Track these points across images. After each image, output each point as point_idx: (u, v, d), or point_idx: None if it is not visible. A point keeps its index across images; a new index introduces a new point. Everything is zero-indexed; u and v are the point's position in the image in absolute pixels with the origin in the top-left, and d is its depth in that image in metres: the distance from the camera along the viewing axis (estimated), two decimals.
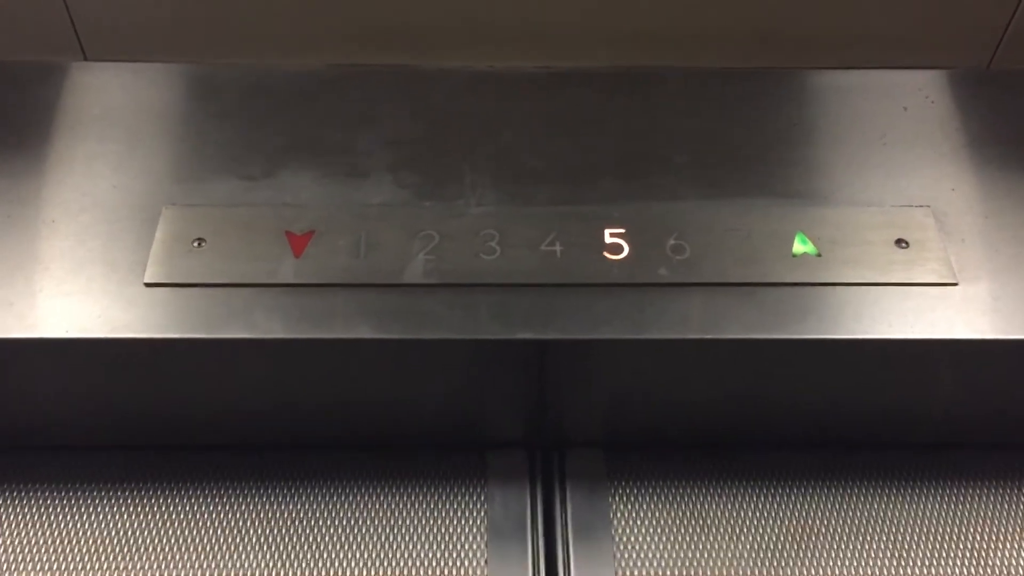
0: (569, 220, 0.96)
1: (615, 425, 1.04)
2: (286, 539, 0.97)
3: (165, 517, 0.98)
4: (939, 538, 0.99)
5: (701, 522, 0.99)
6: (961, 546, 0.98)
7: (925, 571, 0.97)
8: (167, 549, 0.96)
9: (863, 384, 0.97)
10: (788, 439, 1.04)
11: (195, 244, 0.93)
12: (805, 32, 1.09)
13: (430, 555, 0.96)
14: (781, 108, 1.07)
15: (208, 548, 0.96)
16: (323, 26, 1.07)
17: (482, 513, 0.99)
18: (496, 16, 1.07)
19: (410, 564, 0.96)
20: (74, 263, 0.92)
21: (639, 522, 0.99)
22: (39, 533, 0.97)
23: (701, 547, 0.98)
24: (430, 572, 0.95)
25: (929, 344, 0.90)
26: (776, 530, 0.99)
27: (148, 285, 0.90)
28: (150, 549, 0.96)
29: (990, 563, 0.97)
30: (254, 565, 0.96)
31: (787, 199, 0.98)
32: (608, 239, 0.94)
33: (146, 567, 0.95)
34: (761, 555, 0.97)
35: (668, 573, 0.96)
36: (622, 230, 0.95)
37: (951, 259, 0.93)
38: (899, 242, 0.94)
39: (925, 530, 0.99)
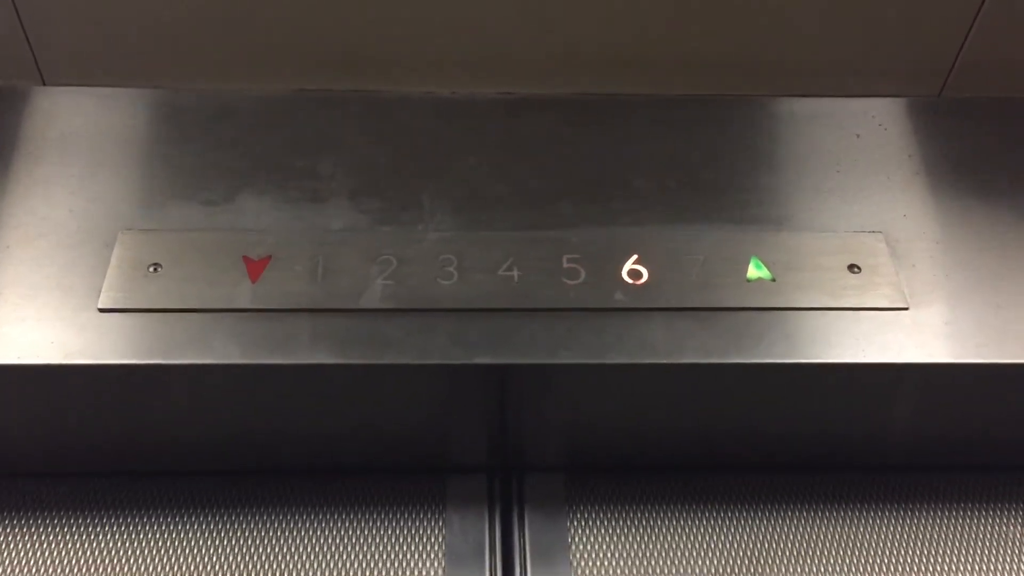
0: (527, 245, 0.96)
1: (574, 449, 1.04)
2: (243, 565, 0.96)
3: (116, 544, 0.97)
4: (896, 560, 1.00)
5: (660, 546, 1.00)
6: (919, 568, 0.99)
7: None
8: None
9: (818, 407, 0.98)
10: (746, 462, 1.05)
11: (151, 269, 0.92)
12: (762, 60, 1.11)
13: None
14: (738, 134, 1.08)
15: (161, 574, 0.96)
16: (286, 52, 1.08)
17: (440, 538, 0.99)
18: (458, 43, 1.08)
19: None
20: (29, 288, 0.92)
21: (598, 546, 0.99)
22: None
23: (660, 571, 0.98)
24: None
25: (880, 368, 0.91)
26: (735, 554, 0.99)
27: (102, 311, 0.90)
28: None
29: None
30: None
31: (743, 224, 1.00)
32: (566, 264, 0.95)
33: None
34: None
35: None
36: (579, 255, 0.95)
37: (902, 284, 0.95)
38: (852, 267, 0.96)
39: (882, 552, 1.00)
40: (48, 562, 0.96)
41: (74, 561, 0.96)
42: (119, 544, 0.97)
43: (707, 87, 1.12)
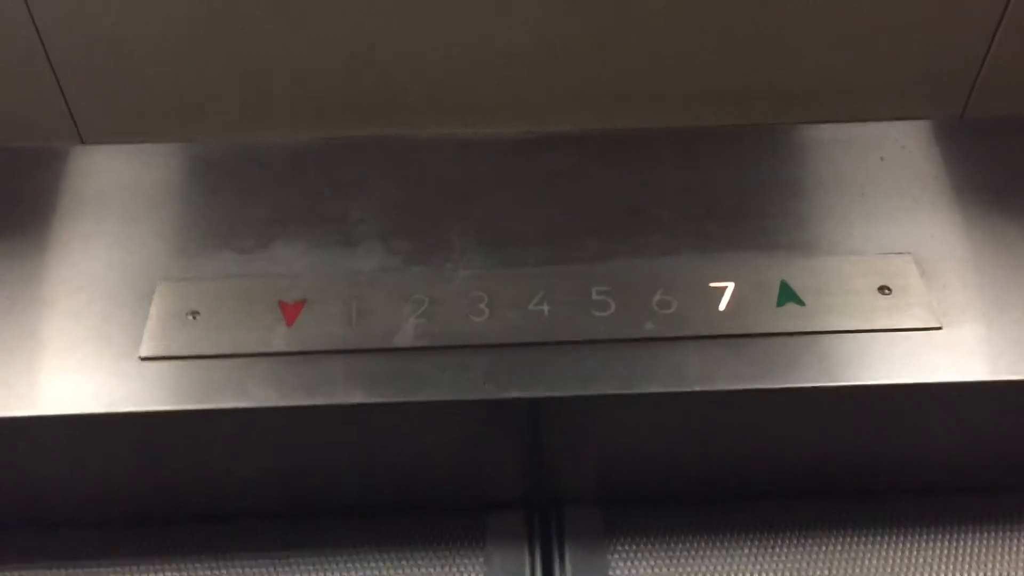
0: (555, 280, 0.97)
1: (611, 481, 1.04)
2: None
3: None
4: None
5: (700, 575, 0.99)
6: None
7: None
8: None
9: (855, 431, 0.98)
10: (785, 490, 1.04)
11: (189, 317, 0.94)
12: (781, 89, 1.12)
13: None
14: (762, 163, 1.09)
15: None
16: (311, 101, 1.10)
17: (481, 575, 0.98)
18: (479, 84, 1.10)
19: None
20: (71, 341, 0.94)
21: None
22: None
23: None
24: None
25: (916, 388, 0.90)
26: None
27: (144, 359, 0.92)
28: None
29: None
30: None
31: (771, 251, 1.00)
32: (595, 296, 0.96)
33: None
34: None
35: None
36: (608, 287, 0.96)
37: (934, 304, 0.95)
38: (882, 289, 0.96)
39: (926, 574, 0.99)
40: None
41: None
42: None
43: (728, 118, 1.13)
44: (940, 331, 0.93)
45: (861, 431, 0.97)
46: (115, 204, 1.06)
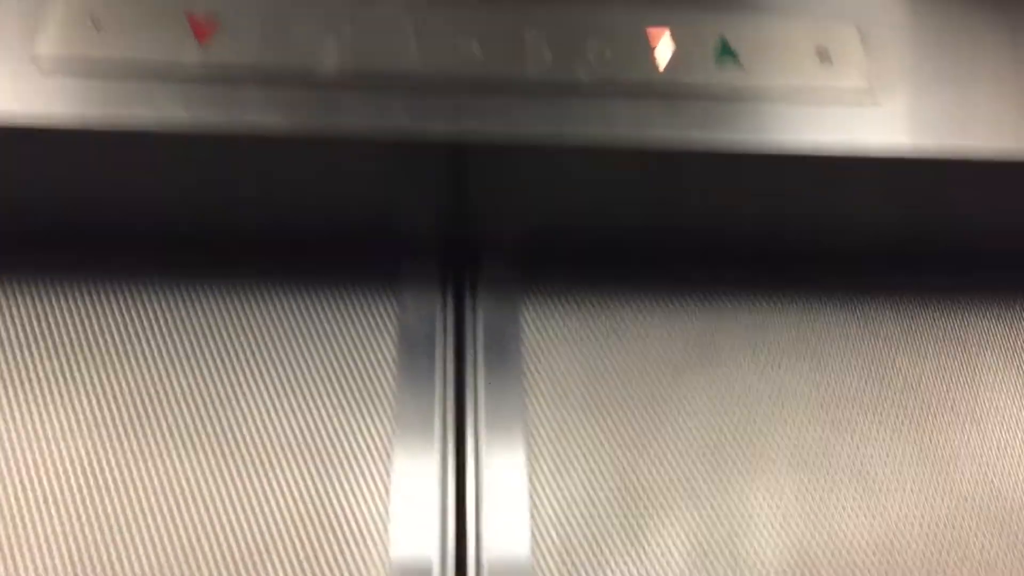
0: (489, 20, 0.92)
1: (529, 235, 1.03)
2: (191, 340, 0.96)
3: (57, 312, 0.96)
4: (850, 348, 1.02)
5: (611, 332, 1.01)
6: (866, 358, 1.02)
7: (828, 380, 1.00)
8: (62, 343, 0.94)
9: (777, 196, 0.97)
10: (700, 251, 1.05)
11: (90, 23, 0.87)
12: None
13: (339, 359, 0.96)
14: None
15: (112, 348, 0.95)
16: None
17: (393, 319, 0.98)
18: None
19: (318, 367, 0.96)
20: None
21: (550, 331, 1.00)
22: None
23: (610, 357, 1.00)
24: (337, 374, 0.95)
25: (845, 159, 0.90)
26: (687, 342, 1.01)
27: (41, 68, 0.85)
28: (40, 344, 0.94)
29: (884, 371, 1.02)
30: (158, 364, 0.94)
31: (712, 3, 0.96)
32: (529, 41, 0.91)
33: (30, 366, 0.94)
34: (669, 365, 1.00)
35: (577, 382, 0.98)
36: (544, 32, 0.92)
37: (872, 73, 0.93)
38: (821, 54, 0.93)
39: (829, 340, 1.02)
40: None
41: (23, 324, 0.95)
42: (56, 310, 0.96)
43: None
44: (876, 102, 0.92)
45: (785, 196, 0.97)
46: None
